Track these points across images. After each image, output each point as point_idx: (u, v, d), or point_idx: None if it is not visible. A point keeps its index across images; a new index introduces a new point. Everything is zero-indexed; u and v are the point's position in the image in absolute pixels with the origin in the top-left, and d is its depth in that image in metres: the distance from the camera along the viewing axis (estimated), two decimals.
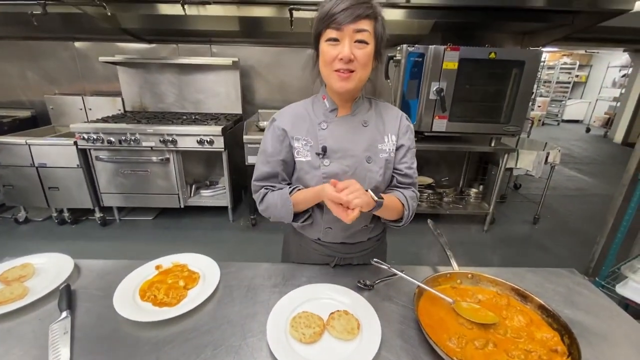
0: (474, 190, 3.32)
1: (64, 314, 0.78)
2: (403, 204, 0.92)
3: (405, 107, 2.56)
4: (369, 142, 0.91)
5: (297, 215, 0.93)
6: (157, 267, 0.96)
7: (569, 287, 0.96)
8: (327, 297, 0.86)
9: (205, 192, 3.02)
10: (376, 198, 0.81)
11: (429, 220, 1.12)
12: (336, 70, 0.80)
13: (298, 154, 0.91)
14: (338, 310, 0.79)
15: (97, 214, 2.91)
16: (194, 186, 3.02)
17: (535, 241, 2.98)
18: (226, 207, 2.98)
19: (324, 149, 0.88)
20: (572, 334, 0.70)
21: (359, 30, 0.77)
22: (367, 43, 0.79)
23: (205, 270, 0.95)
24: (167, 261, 0.99)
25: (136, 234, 2.84)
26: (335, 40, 0.78)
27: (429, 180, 3.29)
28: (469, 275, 0.89)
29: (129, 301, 0.82)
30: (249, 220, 2.98)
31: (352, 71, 0.80)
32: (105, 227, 2.92)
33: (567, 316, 0.81)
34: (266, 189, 0.95)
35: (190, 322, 0.79)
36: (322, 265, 1.01)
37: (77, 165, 2.68)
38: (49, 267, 0.95)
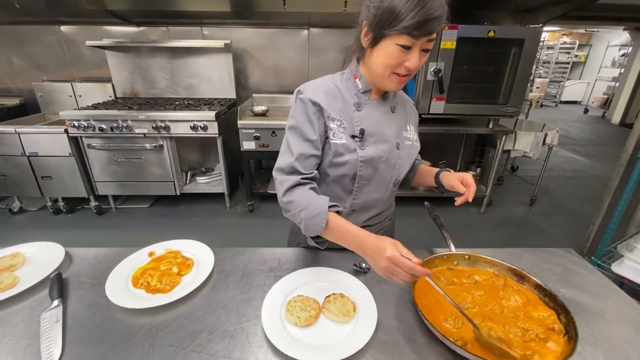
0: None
1: (56, 302, 0.77)
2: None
3: (402, 88, 2.50)
4: (398, 128, 0.91)
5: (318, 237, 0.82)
6: (150, 254, 0.94)
7: (565, 267, 0.96)
8: (322, 280, 0.85)
9: (201, 179, 2.99)
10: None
11: (425, 203, 1.11)
12: (395, 73, 0.77)
13: (334, 135, 0.83)
14: (334, 294, 0.79)
15: (93, 203, 2.88)
16: (189, 173, 2.99)
17: (532, 222, 3.00)
18: (223, 194, 2.96)
19: (362, 132, 0.84)
20: (568, 313, 0.69)
21: (431, 40, 0.72)
22: (430, 50, 0.75)
23: (199, 256, 0.94)
24: (161, 248, 0.97)
25: (132, 223, 2.83)
26: (408, 47, 0.71)
27: (426, 163, 3.26)
28: (466, 257, 0.88)
29: (122, 288, 0.81)
30: (246, 206, 2.97)
31: (408, 75, 0.78)
32: (101, 216, 2.90)
33: (563, 295, 0.81)
34: (298, 178, 0.80)
35: (184, 308, 0.78)
36: (318, 249, 1.00)
37: (69, 153, 2.64)
38: (39, 256, 0.93)
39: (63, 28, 3.05)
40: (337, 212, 0.79)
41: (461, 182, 0.86)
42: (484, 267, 0.87)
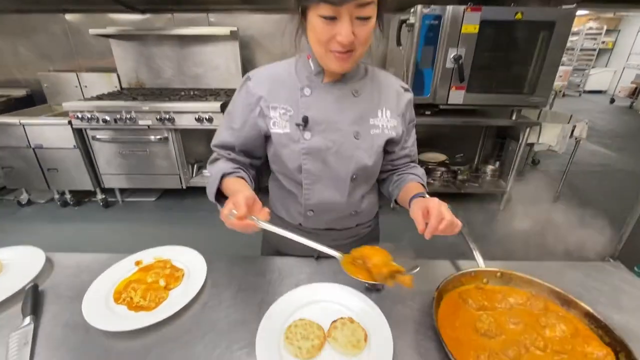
0: (490, 167, 3.12)
1: (27, 320, 0.68)
2: (422, 185, 0.85)
3: (418, 77, 2.34)
4: (358, 115, 0.77)
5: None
6: (137, 263, 0.85)
7: (615, 285, 0.82)
8: (328, 299, 0.73)
9: (207, 172, 2.90)
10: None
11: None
12: (332, 51, 0.66)
13: (274, 125, 0.77)
14: (342, 318, 0.67)
15: (99, 196, 2.84)
16: (195, 166, 2.91)
17: (556, 220, 2.80)
18: None
19: (305, 120, 0.74)
20: (631, 354, 0.56)
21: (362, 5, 0.60)
22: (369, 17, 0.63)
23: (191, 266, 0.84)
24: (149, 256, 0.87)
25: (139, 216, 2.78)
26: (332, 18, 0.61)
27: (442, 157, 3.10)
28: (498, 274, 0.75)
29: (101, 305, 0.71)
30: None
31: (351, 51, 0.65)
32: (107, 209, 2.86)
33: (617, 323, 0.67)
34: (220, 154, 0.85)
35: (169, 330, 0.68)
36: (323, 258, 0.89)
37: (74, 146, 2.58)
38: (17, 263, 0.84)
39: (67, 16, 2.96)
40: (239, 175, 0.79)
41: (424, 213, 0.66)
42: (520, 286, 0.74)
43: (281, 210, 0.91)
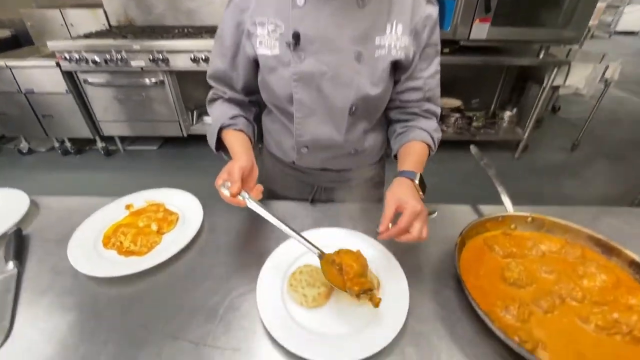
0: (507, 113, 2.92)
1: (10, 265, 0.63)
2: (430, 146, 0.71)
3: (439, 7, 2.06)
4: (362, 32, 0.62)
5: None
6: (128, 207, 0.78)
7: None
8: (337, 245, 0.66)
9: (208, 119, 2.77)
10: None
11: (472, 147, 0.86)
12: None
13: (261, 44, 0.64)
14: None
15: (100, 144, 2.76)
16: (195, 112, 2.77)
17: (572, 170, 2.69)
18: None
19: (296, 37, 0.60)
20: None
21: None
22: None
23: (186, 210, 0.76)
24: (140, 199, 0.80)
25: (141, 165, 2.72)
26: None
27: (456, 102, 2.89)
28: (529, 219, 0.67)
29: (88, 250, 0.66)
30: (257, 148, 2.78)
31: None
32: (109, 158, 2.80)
33: None
34: (217, 93, 0.77)
35: (163, 277, 0.62)
36: (331, 202, 0.81)
37: (66, 90, 2.44)
38: None
39: None
40: (241, 129, 0.72)
41: (396, 210, 0.56)
42: (553, 232, 0.65)
43: (274, 146, 0.82)
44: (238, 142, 0.68)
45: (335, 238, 0.67)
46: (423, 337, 0.51)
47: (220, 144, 0.73)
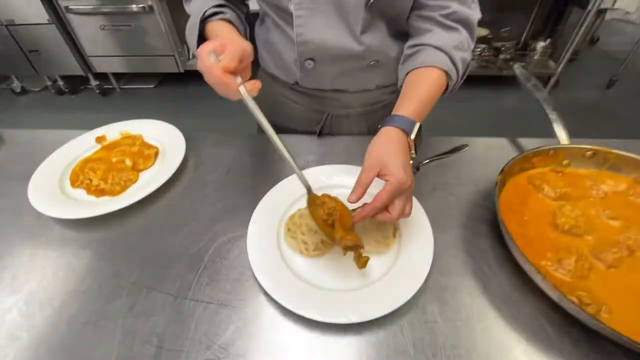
0: (540, 44, 2.58)
1: None
2: (447, 73, 0.50)
3: None
4: None
5: None
6: (99, 140, 0.66)
7: None
8: (346, 185, 0.55)
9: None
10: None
11: (516, 67, 0.69)
12: None
13: None
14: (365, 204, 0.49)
15: (93, 82, 2.59)
16: None
17: (607, 110, 2.43)
18: None
19: None
20: None
21: None
22: None
23: (167, 143, 0.65)
24: (114, 130, 0.68)
25: (138, 104, 2.57)
26: None
27: (484, 32, 2.55)
28: (588, 152, 0.53)
29: (53, 189, 0.56)
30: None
31: None
32: (105, 97, 2.65)
33: None
34: None
35: (140, 220, 0.53)
36: (343, 135, 0.67)
37: (48, 20, 2.20)
38: None
39: None
40: (227, 20, 0.53)
41: (377, 176, 0.42)
42: (619, 169, 0.52)
43: (271, 63, 0.66)
44: (227, 29, 0.51)
45: (342, 177, 0.55)
46: (449, 292, 0.42)
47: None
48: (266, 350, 0.38)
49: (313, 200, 0.45)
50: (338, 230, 0.40)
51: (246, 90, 0.43)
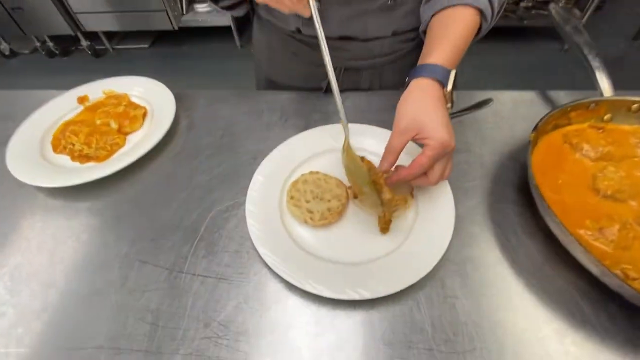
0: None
1: None
2: (482, 12, 0.43)
3: None
4: None
5: None
6: (81, 100, 0.60)
7: None
8: (355, 146, 0.49)
9: (200, 7, 2.35)
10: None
11: (552, 6, 0.60)
12: None
13: None
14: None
15: (84, 42, 2.45)
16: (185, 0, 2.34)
17: (633, 62, 2.26)
18: (230, 28, 2.37)
19: None
20: None
21: None
22: None
23: (156, 103, 0.58)
24: (97, 89, 0.61)
25: (132, 66, 2.45)
26: None
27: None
28: (635, 106, 0.46)
29: (33, 155, 0.51)
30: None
31: None
32: (98, 59, 2.52)
33: None
34: None
35: (128, 188, 0.48)
36: (352, 91, 0.60)
37: None
38: None
39: None
40: None
41: (413, 139, 0.37)
42: None
43: (268, 7, 0.56)
44: None
45: (354, 138, 0.49)
46: (471, 265, 0.38)
47: None
48: (270, 327, 0.34)
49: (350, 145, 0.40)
50: (387, 191, 0.36)
51: (316, 5, 0.37)
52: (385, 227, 0.38)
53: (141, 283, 0.38)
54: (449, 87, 0.38)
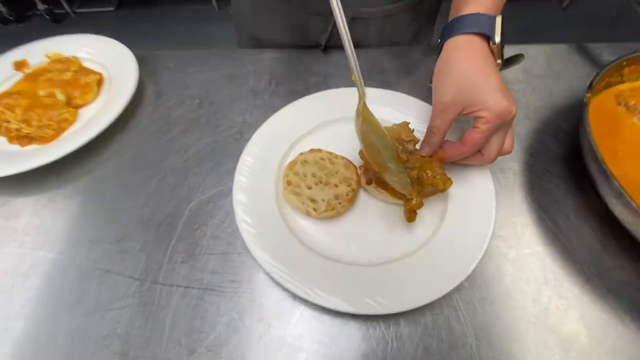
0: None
1: None
2: None
3: None
4: None
5: None
6: (19, 66, 0.48)
7: None
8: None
9: None
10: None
11: None
12: None
13: None
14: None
15: (41, 6, 2.19)
16: None
17: (635, 20, 2.17)
18: None
19: None
20: None
21: None
22: None
23: (114, 68, 0.47)
24: (38, 52, 0.50)
25: (97, 31, 2.17)
26: None
27: None
28: None
29: None
30: None
31: None
32: (58, 24, 2.26)
33: None
34: None
35: (80, 175, 0.38)
36: (334, 50, 0.50)
37: None
38: None
39: None
40: None
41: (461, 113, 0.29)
42: None
43: None
44: None
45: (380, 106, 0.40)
46: (515, 259, 0.31)
47: None
48: (272, 350, 0.27)
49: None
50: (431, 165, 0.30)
51: None
52: (413, 214, 0.30)
53: (103, 300, 0.30)
54: (497, 38, 0.29)
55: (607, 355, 0.26)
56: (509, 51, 0.46)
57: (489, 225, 0.30)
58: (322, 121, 0.39)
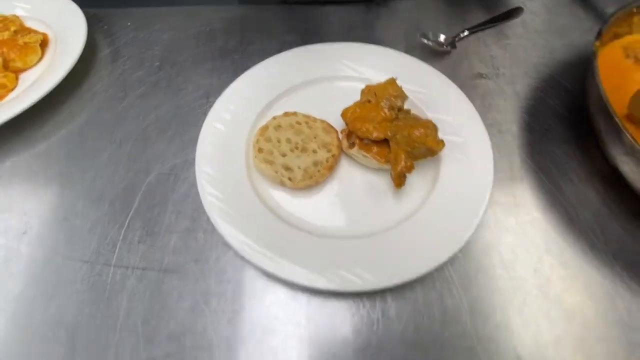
0: None
1: None
2: None
3: None
4: None
5: None
6: None
7: None
8: (350, 75, 0.35)
9: None
10: None
11: None
12: None
13: None
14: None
15: None
16: None
17: None
18: None
19: None
20: None
21: None
22: None
23: (60, 27, 0.41)
24: None
25: None
26: None
27: None
28: None
29: None
30: None
31: None
32: None
33: None
34: None
35: (22, 147, 0.34)
36: (312, 5, 0.45)
37: None
38: None
39: None
40: None
41: None
42: None
43: None
44: None
45: (351, 61, 0.36)
46: (516, 229, 0.28)
47: None
48: (243, 335, 0.24)
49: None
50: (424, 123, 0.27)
51: None
52: (402, 179, 0.26)
53: (48, 286, 0.26)
54: None
55: (614, 326, 0.24)
56: (509, 4, 0.43)
57: (485, 190, 0.27)
58: (299, 81, 0.35)
